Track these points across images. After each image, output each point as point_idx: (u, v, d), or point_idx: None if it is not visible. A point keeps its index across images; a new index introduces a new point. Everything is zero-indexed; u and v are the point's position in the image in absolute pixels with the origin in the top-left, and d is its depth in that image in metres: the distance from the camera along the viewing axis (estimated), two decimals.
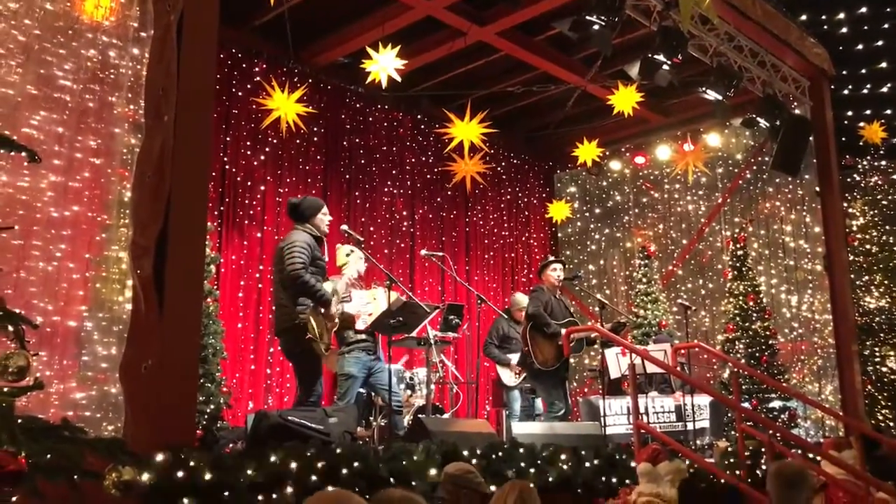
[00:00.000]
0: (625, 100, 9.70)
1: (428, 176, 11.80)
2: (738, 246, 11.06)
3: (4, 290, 4.20)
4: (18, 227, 4.70)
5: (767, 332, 10.49)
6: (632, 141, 12.89)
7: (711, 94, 8.99)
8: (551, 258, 8.25)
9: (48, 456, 3.08)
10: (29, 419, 3.22)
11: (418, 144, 11.73)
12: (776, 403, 9.98)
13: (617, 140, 12.76)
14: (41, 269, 5.09)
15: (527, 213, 13.44)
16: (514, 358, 8.74)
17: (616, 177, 13.37)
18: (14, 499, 2.87)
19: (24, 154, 3.41)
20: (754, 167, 12.01)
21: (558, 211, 12.90)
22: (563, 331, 7.30)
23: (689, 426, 8.12)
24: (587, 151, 11.35)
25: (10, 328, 3.37)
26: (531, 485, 4.11)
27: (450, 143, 9.83)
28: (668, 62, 8.26)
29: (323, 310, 5.93)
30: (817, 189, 10.73)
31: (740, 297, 10.73)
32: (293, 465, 4.33)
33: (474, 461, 5.09)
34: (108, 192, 5.20)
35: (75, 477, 3.18)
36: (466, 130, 9.64)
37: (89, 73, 5.44)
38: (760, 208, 11.92)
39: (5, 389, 2.88)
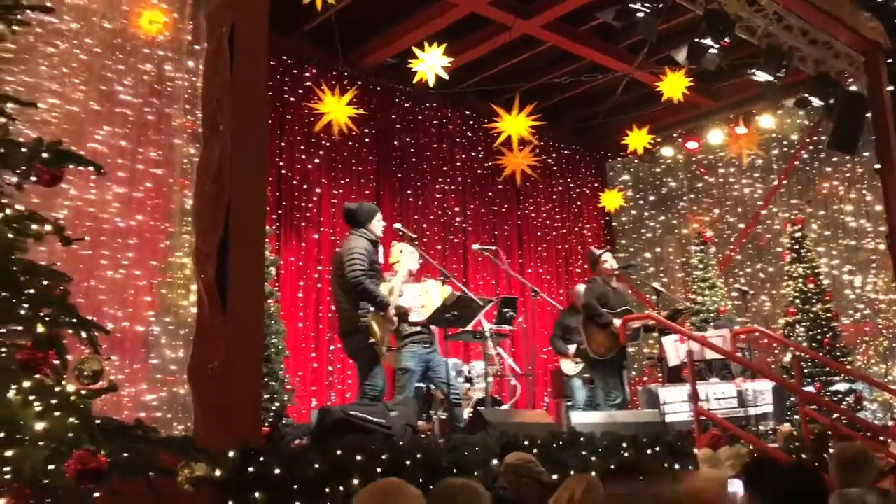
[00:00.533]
0: (673, 86, 9.62)
1: (478, 171, 11.87)
2: (796, 228, 10.87)
3: (76, 298, 4.40)
4: (88, 237, 4.92)
5: (829, 314, 10.29)
6: (683, 126, 12.76)
7: (762, 76, 8.87)
8: (598, 250, 8.24)
9: (125, 455, 3.25)
10: (105, 420, 3.39)
11: (467, 140, 11.81)
12: (840, 386, 9.79)
13: (668, 126, 12.65)
14: (110, 278, 5.32)
15: (579, 203, 13.40)
16: (573, 348, 8.77)
17: (669, 163, 13.26)
18: (96, 495, 3.04)
19: (91, 168, 3.59)
20: (810, 147, 11.79)
21: (611, 200, 12.85)
22: (618, 321, 7.31)
23: (752, 412, 8.05)
24: (638, 139, 11.28)
25: (84, 335, 3.55)
26: (594, 474, 4.16)
27: (498, 137, 9.88)
28: (716, 46, 8.18)
29: (383, 313, 6.09)
30: (877, 166, 10.48)
31: (800, 280, 10.55)
32: (357, 457, 4.46)
33: (534, 451, 5.15)
34: (170, 202, 5.41)
35: (151, 474, 3.35)
36: (514, 124, 9.68)
37: (147, 87, 5.65)
38: (818, 188, 11.70)
39: (82, 392, 3.05)
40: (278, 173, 9.60)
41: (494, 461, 4.97)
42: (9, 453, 2.96)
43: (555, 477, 5.00)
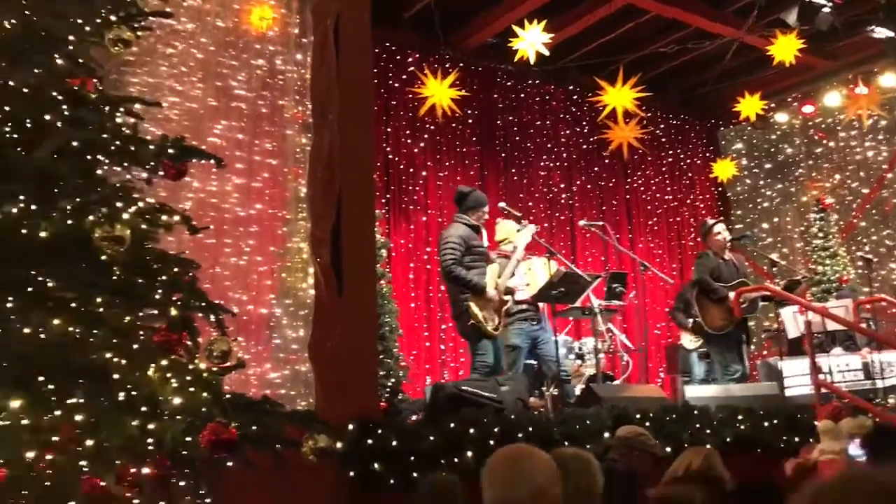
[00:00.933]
0: (785, 49, 9.26)
1: (584, 146, 11.78)
2: None
3: (203, 284, 4.70)
4: (211, 227, 5.23)
5: None
6: (798, 90, 12.23)
7: (881, 33, 8.43)
8: (711, 221, 8.06)
9: (253, 428, 3.49)
10: (235, 395, 3.64)
11: (571, 116, 11.72)
12: None
13: (781, 90, 12.16)
14: (233, 264, 5.64)
15: (690, 174, 13.09)
16: (692, 322, 8.63)
17: (784, 129, 12.75)
18: (229, 464, 3.27)
19: (212, 161, 3.83)
20: None
21: (723, 170, 12.49)
22: (733, 294, 7.16)
23: (879, 384, 7.73)
24: (750, 105, 10.91)
25: (212, 317, 3.81)
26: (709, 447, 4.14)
27: (603, 111, 9.78)
28: (829, 4, 7.82)
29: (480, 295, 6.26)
30: None
31: None
32: (470, 431, 4.60)
33: (646, 424, 5.16)
34: (285, 190, 5.67)
35: (277, 446, 3.58)
36: (619, 97, 9.56)
37: (260, 81, 5.93)
38: None
39: (213, 370, 3.29)
40: (385, 158, 9.83)
41: (605, 434, 5.01)
42: (151, 426, 3.23)
43: (668, 450, 5.00)
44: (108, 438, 3.04)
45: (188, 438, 3.24)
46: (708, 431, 5.56)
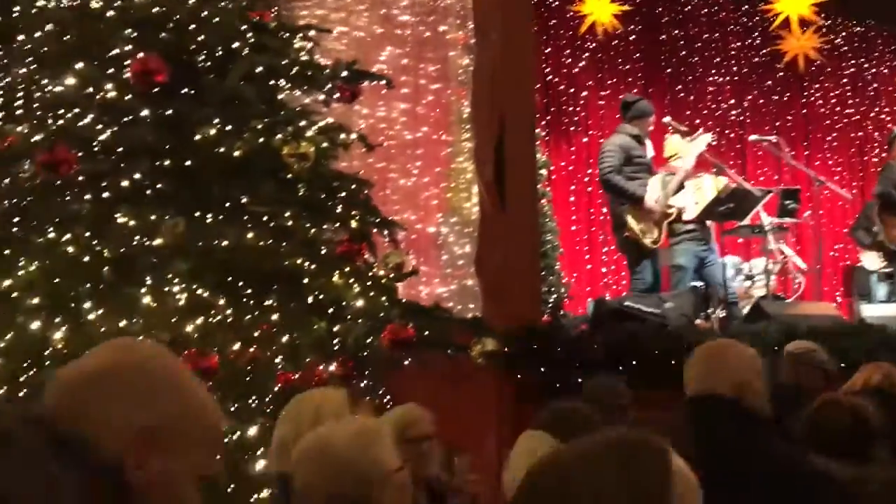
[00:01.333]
0: None
1: (755, 60, 11.16)
2: None
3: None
4: (380, 148, 5.51)
5: None
6: None
7: None
8: None
9: (427, 333, 3.75)
10: (410, 301, 3.92)
11: (742, 27, 11.11)
12: None
13: None
14: (401, 185, 5.93)
15: (875, 85, 12.11)
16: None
17: None
18: (406, 362, 3.56)
19: (382, 82, 4.04)
20: None
21: None
22: None
23: None
24: None
25: (386, 233, 4.08)
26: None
27: (775, 20, 9.24)
28: None
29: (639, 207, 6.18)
30: None
31: None
32: (634, 344, 4.69)
33: (816, 341, 5.02)
34: (449, 112, 5.86)
35: (449, 350, 3.84)
36: (794, 3, 8.99)
37: (422, 6, 6.09)
38: None
39: (391, 276, 3.55)
40: (545, 80, 9.76)
41: (774, 350, 4.94)
42: (336, 328, 3.56)
43: (841, 365, 4.87)
44: (299, 337, 3.38)
45: (369, 340, 3.54)
46: (884, 351, 5.33)
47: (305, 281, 3.35)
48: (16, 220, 3.28)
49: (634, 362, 4.47)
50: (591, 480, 1.00)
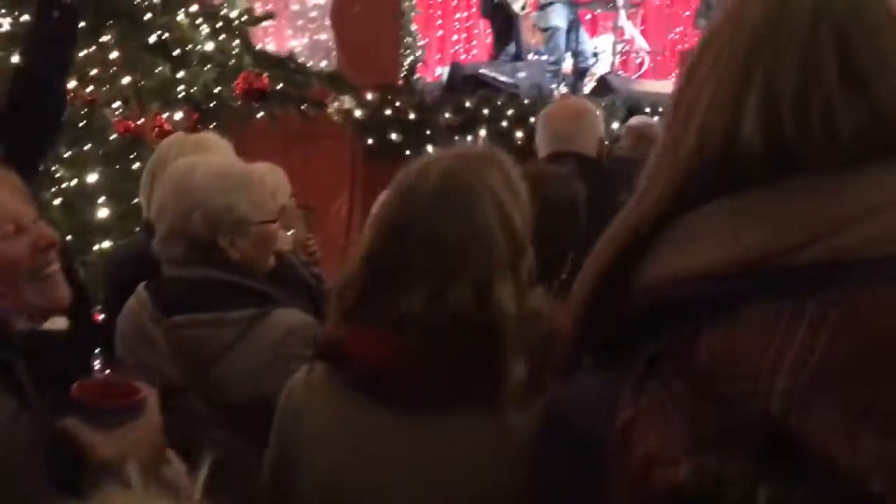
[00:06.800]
0: None
1: None
2: None
3: None
4: None
5: None
6: None
7: None
8: None
9: (281, 85, 3.55)
10: (262, 50, 3.66)
11: None
12: None
13: None
14: None
15: None
16: None
17: None
18: (259, 115, 3.38)
19: None
20: None
21: None
22: None
23: None
24: None
25: None
26: None
27: None
28: None
29: None
30: None
31: None
32: (485, 111, 4.69)
33: (656, 118, 5.23)
34: None
35: (304, 105, 3.67)
36: None
37: None
38: None
39: (243, 18, 3.26)
40: None
41: (615, 125, 5.11)
42: (181, 74, 3.28)
43: None
44: (140, 80, 3.10)
45: (218, 88, 3.31)
46: None
47: (147, 17, 3.02)
48: None
49: (484, 130, 4.49)
50: (487, 174, 1.12)
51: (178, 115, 3.29)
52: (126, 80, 2.93)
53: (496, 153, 1.20)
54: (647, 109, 5.37)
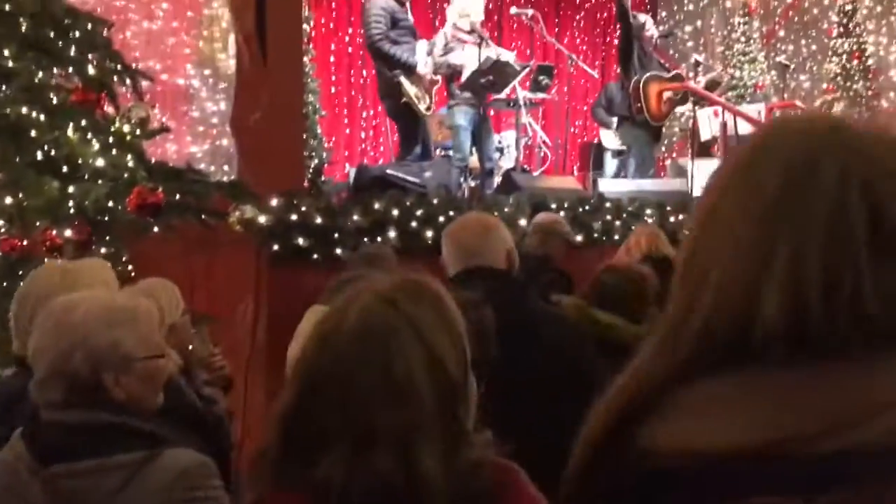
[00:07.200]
0: None
1: None
2: (847, 1, 10.35)
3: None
4: None
5: (870, 93, 10.06)
6: None
7: None
8: (642, 16, 7.93)
9: (178, 196, 3.44)
10: (159, 162, 3.56)
11: None
12: None
13: None
14: (145, 29, 5.30)
15: None
16: (616, 121, 8.63)
17: None
18: (155, 229, 3.25)
19: None
20: None
21: None
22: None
23: None
24: None
25: (129, 82, 3.63)
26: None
27: None
28: None
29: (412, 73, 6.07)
30: None
31: (843, 56, 10.21)
32: (394, 212, 4.66)
33: (562, 213, 5.33)
34: None
35: (203, 216, 3.56)
36: None
37: None
38: None
39: (136, 132, 3.17)
40: None
41: (523, 221, 5.17)
42: (71, 189, 3.14)
43: (579, 238, 5.23)
44: (26, 198, 2.95)
45: (111, 203, 3.18)
46: (618, 223, 5.79)
47: (33, 134, 2.89)
48: None
49: (393, 232, 4.46)
50: (413, 312, 1.05)
51: (68, 233, 3.14)
52: (8, 200, 2.77)
53: (427, 283, 1.13)
54: (553, 205, 5.48)
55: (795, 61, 11.34)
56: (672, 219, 6.18)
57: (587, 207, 5.81)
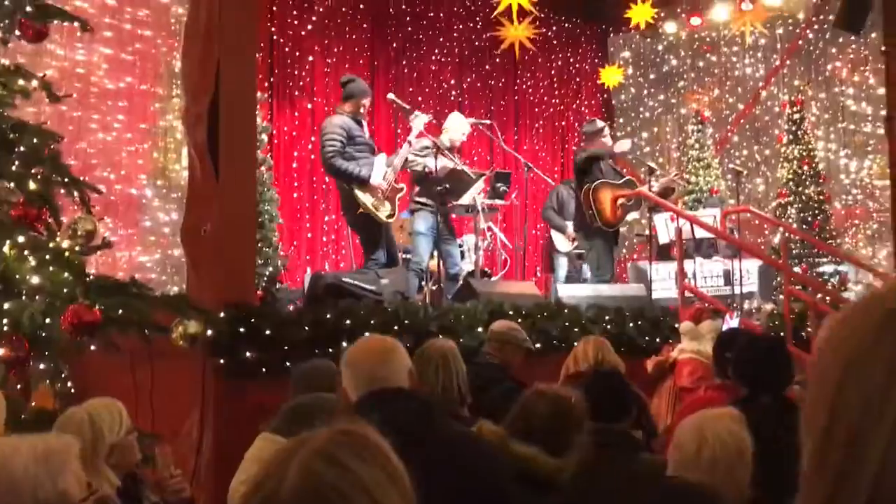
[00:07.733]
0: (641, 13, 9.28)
1: (476, 43, 11.60)
2: (795, 109, 10.76)
3: (66, 160, 4.40)
4: (76, 96, 4.87)
5: (821, 197, 10.33)
6: (688, 1, 12.37)
7: None
8: (600, 122, 8.13)
9: (120, 311, 3.35)
10: (101, 277, 3.47)
11: (465, 10, 11.47)
12: (827, 268, 9.95)
13: (672, 0, 12.27)
14: (100, 140, 5.30)
15: (578, 79, 13.16)
16: (571, 225, 8.72)
17: (671, 40, 12.93)
18: (92, 348, 3.14)
19: (76, 24, 3.51)
20: (815, 26, 11.49)
21: (610, 76, 12.60)
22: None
23: (737, 290, 8.20)
24: (641, 12, 10.97)
25: (76, 194, 3.58)
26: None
27: (499, 5, 9.60)
28: None
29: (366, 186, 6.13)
30: (883, 48, 10.25)
31: (794, 162, 10.54)
32: (347, 322, 4.59)
33: (519, 320, 5.29)
34: (158, 64, 5.32)
35: (146, 331, 3.46)
36: None
37: None
38: (821, 70, 11.48)
39: (76, 248, 3.10)
40: (270, 39, 9.36)
41: (480, 328, 5.12)
42: (6, 306, 3.04)
43: (538, 345, 5.18)
44: None
45: (48, 320, 3.08)
46: (576, 329, 5.76)
47: None
48: None
49: (346, 342, 4.37)
50: (361, 472, 0.97)
51: (2, 350, 3.03)
52: None
53: (371, 436, 1.03)
54: (510, 312, 5.45)
55: (749, 166, 11.68)
56: (631, 325, 6.17)
57: (545, 313, 5.78)
